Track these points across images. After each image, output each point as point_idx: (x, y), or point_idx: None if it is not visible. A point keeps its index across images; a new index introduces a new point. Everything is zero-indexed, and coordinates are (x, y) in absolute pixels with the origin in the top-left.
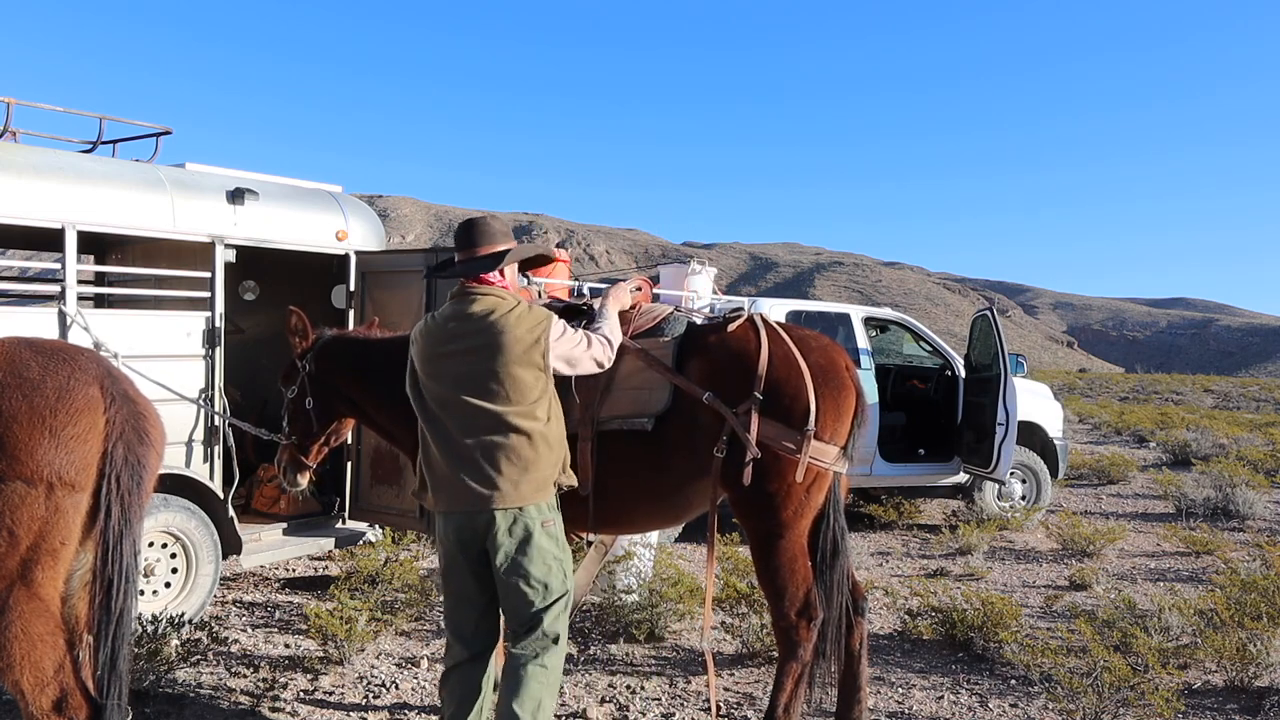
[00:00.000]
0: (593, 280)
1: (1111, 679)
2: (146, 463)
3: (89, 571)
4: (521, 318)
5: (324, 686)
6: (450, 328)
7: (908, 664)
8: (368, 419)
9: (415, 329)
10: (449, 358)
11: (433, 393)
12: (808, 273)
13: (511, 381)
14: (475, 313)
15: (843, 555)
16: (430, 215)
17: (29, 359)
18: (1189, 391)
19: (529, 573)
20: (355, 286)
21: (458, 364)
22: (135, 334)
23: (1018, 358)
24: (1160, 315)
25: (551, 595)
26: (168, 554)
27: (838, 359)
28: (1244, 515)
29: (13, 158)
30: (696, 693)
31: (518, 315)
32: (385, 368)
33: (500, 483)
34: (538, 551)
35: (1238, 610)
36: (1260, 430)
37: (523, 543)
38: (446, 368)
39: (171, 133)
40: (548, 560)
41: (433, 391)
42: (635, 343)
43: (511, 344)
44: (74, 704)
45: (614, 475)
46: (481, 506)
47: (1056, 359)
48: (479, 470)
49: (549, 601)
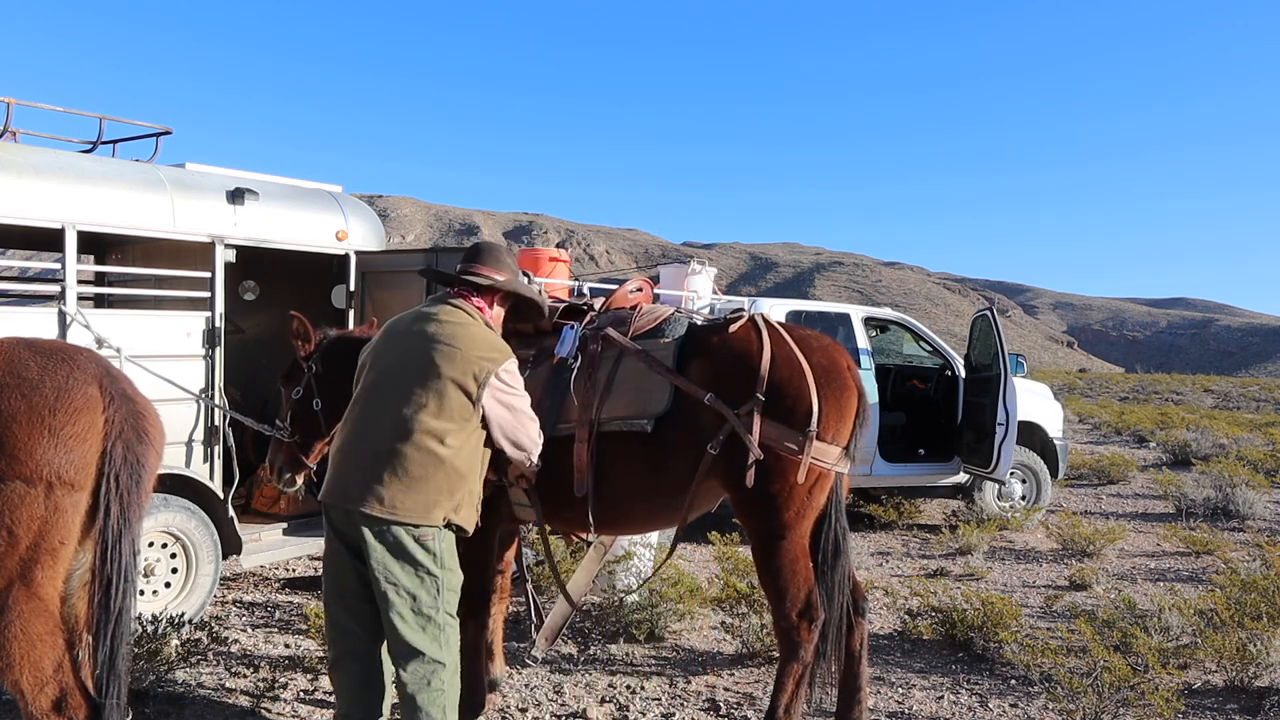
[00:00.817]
0: (593, 280)
1: (1111, 679)
2: (146, 462)
3: (88, 571)
4: (478, 341)
5: (324, 686)
6: (411, 321)
7: (908, 664)
8: None
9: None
10: (395, 347)
11: (366, 377)
12: (808, 273)
13: (436, 394)
14: (441, 318)
15: (844, 556)
16: (430, 215)
17: (28, 359)
18: (1189, 391)
19: (398, 582)
20: (355, 286)
21: (399, 355)
22: (135, 334)
23: (1018, 358)
24: (1160, 315)
25: (423, 609)
26: (168, 554)
27: (839, 359)
28: (1244, 515)
29: (13, 158)
30: (696, 693)
31: (478, 335)
32: None
33: (378, 489)
34: (410, 561)
35: (1238, 610)
36: (1260, 430)
37: (394, 550)
38: (388, 355)
39: (171, 133)
40: (419, 573)
41: (367, 376)
42: (636, 344)
43: (454, 357)
44: (73, 703)
45: (614, 476)
46: (352, 505)
47: (1056, 359)
48: (364, 469)
49: (423, 620)
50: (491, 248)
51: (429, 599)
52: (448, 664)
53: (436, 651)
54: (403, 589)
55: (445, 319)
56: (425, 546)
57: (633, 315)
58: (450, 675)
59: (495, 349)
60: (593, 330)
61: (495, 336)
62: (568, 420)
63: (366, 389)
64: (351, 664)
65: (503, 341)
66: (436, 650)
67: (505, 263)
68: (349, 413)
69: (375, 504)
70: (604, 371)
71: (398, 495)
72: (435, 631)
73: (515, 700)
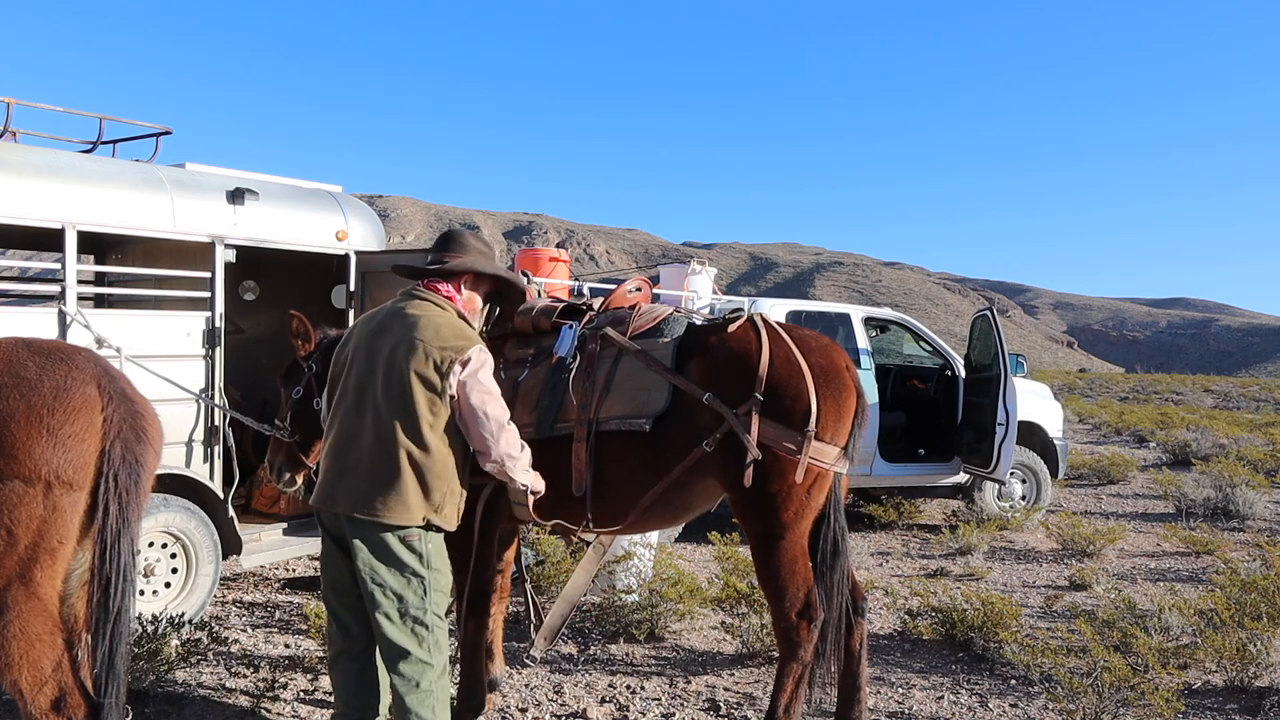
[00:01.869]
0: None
1: (1111, 679)
2: (144, 461)
3: (87, 570)
4: (445, 329)
5: (324, 686)
6: (381, 320)
7: (908, 664)
8: None
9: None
10: (366, 346)
11: (344, 379)
12: (808, 273)
13: (405, 392)
14: (408, 312)
15: (843, 556)
16: (430, 215)
17: (26, 359)
18: (1189, 391)
19: (385, 583)
20: (355, 286)
21: (368, 356)
22: (135, 334)
23: (1018, 358)
24: (1160, 315)
25: (410, 610)
26: (168, 554)
27: (838, 359)
28: (1244, 515)
29: (13, 158)
30: (696, 693)
31: (443, 324)
32: None
33: (359, 493)
34: (395, 563)
35: (1238, 610)
36: (1260, 430)
37: (378, 553)
38: (359, 356)
39: (171, 133)
40: (405, 574)
41: (345, 378)
42: (635, 343)
43: (417, 350)
44: (72, 703)
45: (612, 476)
46: (338, 509)
47: (1056, 359)
48: (346, 473)
49: (411, 621)
50: (455, 233)
51: (416, 600)
52: (436, 665)
53: (424, 653)
54: (389, 590)
55: (410, 312)
56: (410, 547)
57: (631, 315)
58: (439, 676)
59: (460, 336)
60: (591, 330)
61: (461, 325)
62: (566, 420)
63: (344, 391)
64: (348, 663)
65: (468, 329)
66: (424, 652)
67: (470, 245)
68: (331, 416)
69: (357, 508)
70: (602, 371)
71: (377, 498)
72: (423, 633)
73: (515, 700)
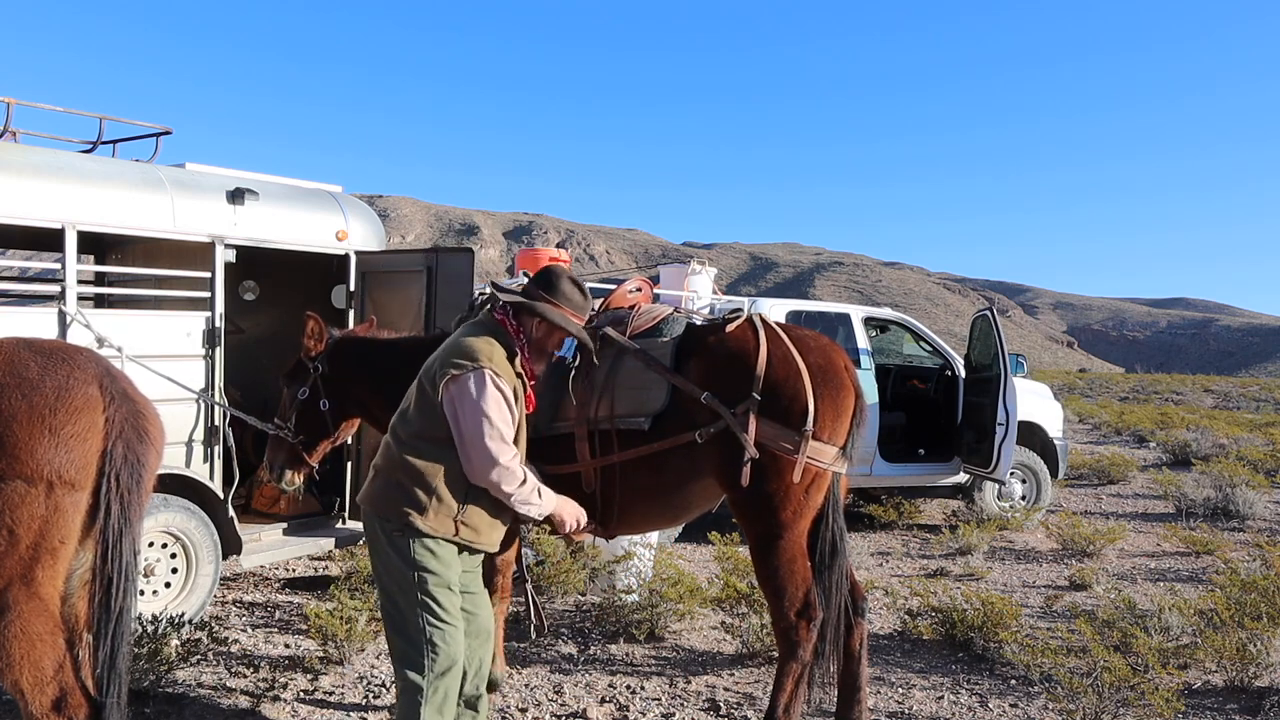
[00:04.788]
0: (593, 280)
1: (1111, 679)
2: (146, 461)
3: (88, 570)
4: (452, 348)
5: (324, 686)
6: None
7: (908, 664)
8: (373, 419)
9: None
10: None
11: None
12: (808, 273)
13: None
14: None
15: (842, 555)
16: (430, 215)
17: (28, 359)
18: (1189, 391)
19: (379, 575)
20: (355, 286)
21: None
22: (135, 334)
23: (1018, 358)
24: (1160, 315)
25: (399, 609)
26: (168, 554)
27: (836, 359)
28: (1244, 515)
29: (13, 158)
30: (696, 693)
31: (459, 344)
32: (394, 368)
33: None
34: (384, 560)
35: (1238, 610)
36: (1260, 430)
37: (375, 544)
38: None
39: (171, 133)
40: (393, 574)
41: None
42: (634, 343)
43: (435, 360)
44: (73, 703)
45: (612, 475)
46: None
47: (1056, 359)
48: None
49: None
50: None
51: (401, 598)
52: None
53: (415, 653)
54: (380, 581)
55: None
56: (394, 544)
57: (631, 315)
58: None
59: (464, 357)
60: (591, 330)
61: (473, 346)
62: (566, 419)
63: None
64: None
65: (477, 351)
66: (415, 652)
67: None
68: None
69: (360, 496)
70: (602, 371)
71: (370, 487)
72: (413, 632)
73: (515, 700)
